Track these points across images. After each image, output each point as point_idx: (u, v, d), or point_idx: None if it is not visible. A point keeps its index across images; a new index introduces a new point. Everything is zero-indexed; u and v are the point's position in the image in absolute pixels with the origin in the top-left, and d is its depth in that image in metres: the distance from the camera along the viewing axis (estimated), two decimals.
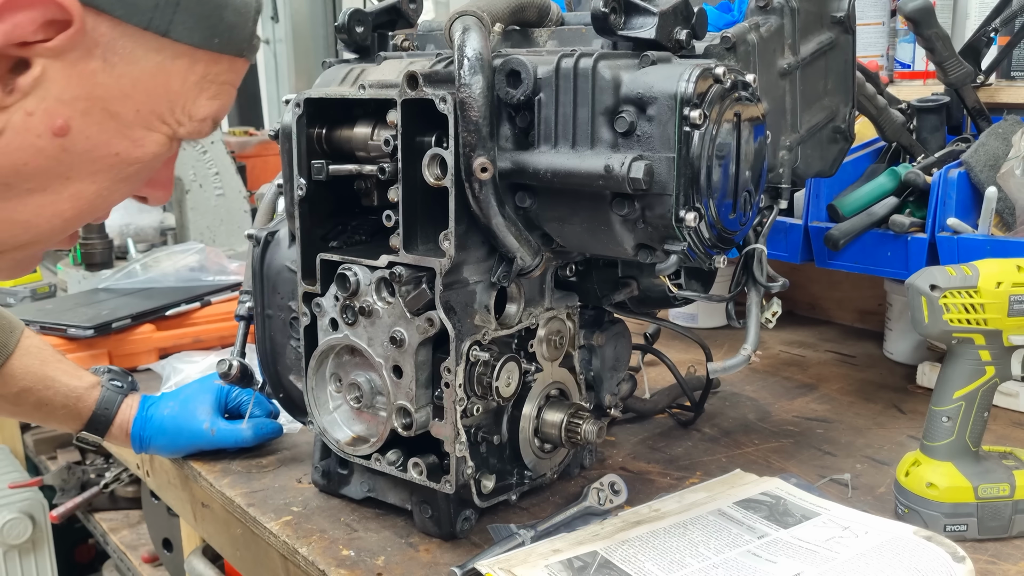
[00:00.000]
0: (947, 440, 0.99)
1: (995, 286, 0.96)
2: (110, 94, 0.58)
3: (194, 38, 0.59)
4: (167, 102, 0.61)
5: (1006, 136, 1.34)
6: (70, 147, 0.58)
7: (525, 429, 1.04)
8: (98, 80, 0.57)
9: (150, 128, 0.61)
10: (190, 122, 0.63)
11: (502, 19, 0.94)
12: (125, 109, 0.59)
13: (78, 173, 0.60)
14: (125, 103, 0.59)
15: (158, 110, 0.61)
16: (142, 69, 0.58)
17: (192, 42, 0.59)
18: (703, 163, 0.86)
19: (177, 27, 0.58)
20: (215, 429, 1.22)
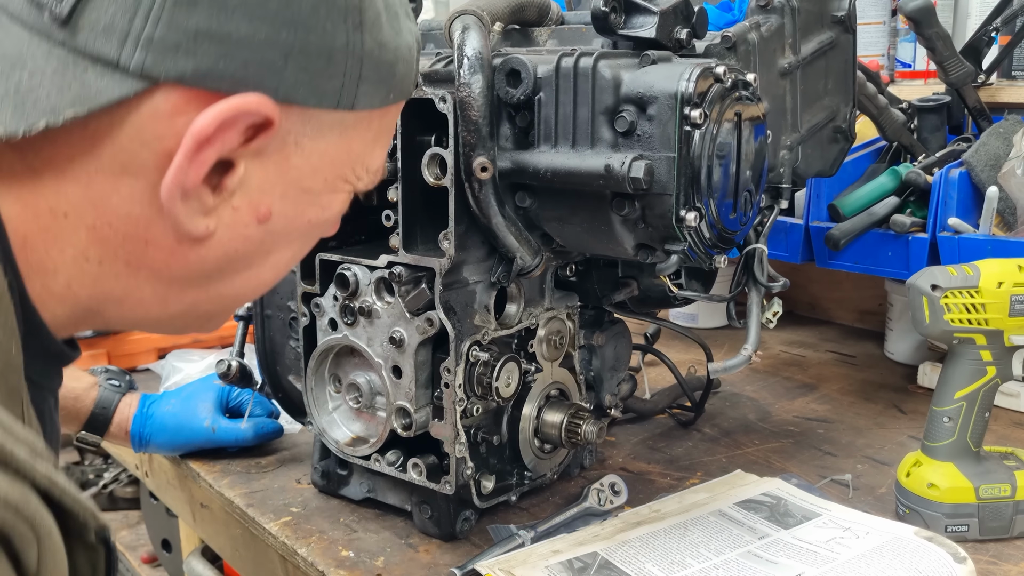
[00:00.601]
0: (948, 440, 0.99)
1: (996, 286, 0.95)
2: (302, 173, 0.61)
3: (374, 102, 0.61)
4: (349, 164, 0.64)
5: (1007, 136, 1.34)
6: (272, 228, 0.62)
7: (525, 429, 1.04)
8: (292, 163, 0.60)
9: (336, 191, 0.64)
10: (367, 175, 0.66)
11: (502, 18, 0.94)
12: (315, 183, 0.62)
13: (278, 247, 0.64)
14: (315, 177, 0.62)
15: (342, 173, 0.64)
16: (328, 142, 0.61)
17: (372, 106, 0.62)
18: (703, 163, 0.86)
19: (360, 99, 0.60)
20: (216, 427, 1.22)
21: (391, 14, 0.61)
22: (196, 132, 0.54)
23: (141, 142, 0.54)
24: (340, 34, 0.57)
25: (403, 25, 0.62)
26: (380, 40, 0.60)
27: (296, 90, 0.56)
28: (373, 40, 0.59)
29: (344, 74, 0.58)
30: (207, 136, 0.54)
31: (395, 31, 0.61)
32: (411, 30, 0.64)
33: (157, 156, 0.54)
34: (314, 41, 0.56)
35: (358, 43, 0.58)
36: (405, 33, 0.63)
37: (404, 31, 0.63)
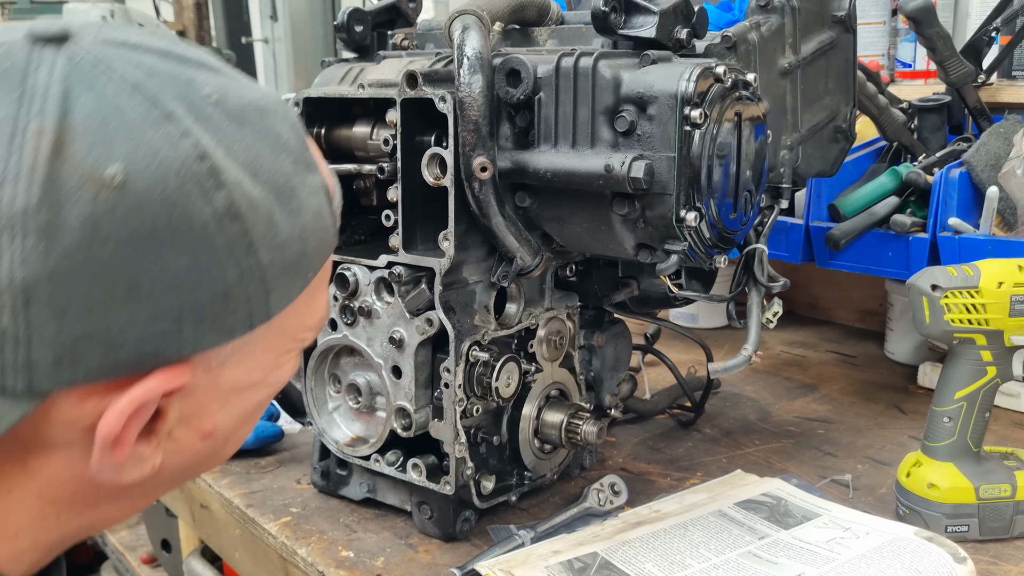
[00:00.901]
0: (948, 440, 0.99)
1: (996, 286, 0.95)
2: (239, 382, 0.59)
3: (293, 293, 0.58)
4: (288, 340, 0.62)
5: (1007, 136, 1.34)
6: (219, 434, 0.61)
7: (525, 430, 1.04)
8: (224, 380, 0.58)
9: (280, 367, 0.63)
10: (310, 332, 0.64)
11: (502, 18, 0.94)
12: (255, 376, 0.61)
13: (236, 434, 0.64)
14: (253, 374, 0.60)
15: (281, 352, 0.62)
16: (256, 347, 0.59)
17: (292, 299, 0.58)
18: (704, 163, 0.86)
19: (275, 305, 0.57)
20: None
21: (284, 198, 0.56)
22: (104, 435, 0.52)
23: (60, 428, 0.53)
24: (230, 271, 0.53)
25: (302, 197, 0.57)
26: (279, 242, 0.55)
27: (200, 341, 0.54)
28: (270, 250, 0.55)
29: (248, 300, 0.55)
30: (116, 434, 0.52)
31: (294, 212, 0.56)
32: (313, 186, 0.59)
33: (80, 432, 0.54)
34: (203, 293, 0.52)
35: (254, 266, 0.54)
36: (306, 202, 0.58)
37: (304, 201, 0.58)
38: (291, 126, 0.59)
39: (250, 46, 4.68)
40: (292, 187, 0.57)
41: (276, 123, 0.57)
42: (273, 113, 0.58)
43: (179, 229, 0.51)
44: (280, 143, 0.57)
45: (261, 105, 0.57)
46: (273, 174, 0.55)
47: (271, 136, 0.56)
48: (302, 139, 0.60)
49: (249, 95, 0.57)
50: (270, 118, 0.57)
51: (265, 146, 0.56)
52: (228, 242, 0.52)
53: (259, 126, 0.56)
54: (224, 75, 0.57)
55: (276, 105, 0.59)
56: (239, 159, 0.53)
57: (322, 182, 0.61)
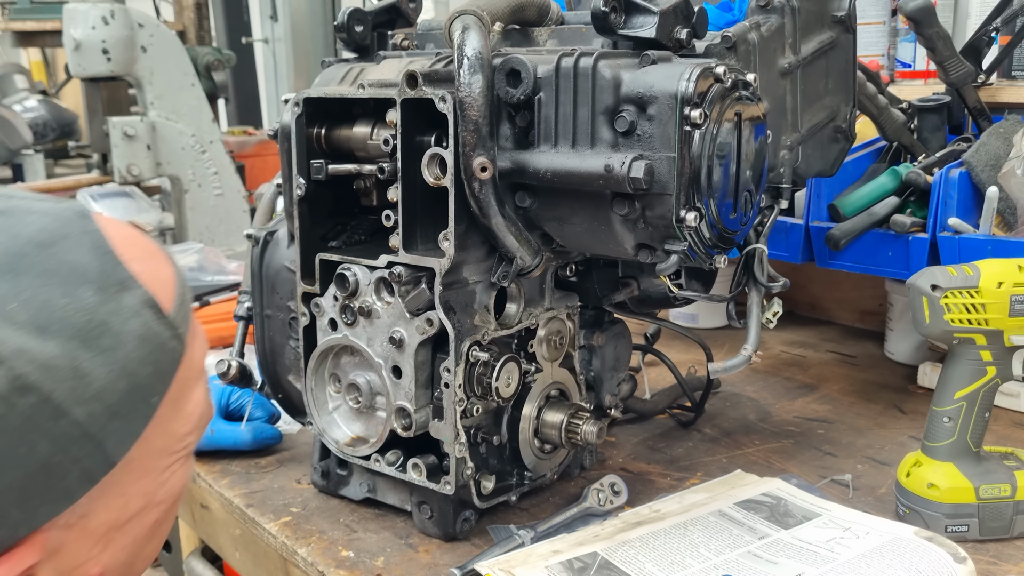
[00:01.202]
0: (948, 440, 0.99)
1: (996, 286, 0.95)
2: (116, 520, 0.55)
3: (136, 429, 0.53)
4: (162, 459, 0.57)
5: (1007, 136, 1.34)
6: (112, 567, 0.57)
7: (525, 430, 1.04)
8: (94, 527, 0.54)
9: (164, 483, 0.58)
10: (190, 436, 0.60)
11: (502, 18, 0.94)
12: (134, 507, 0.56)
13: (140, 560, 0.60)
14: (130, 506, 0.56)
15: (158, 470, 0.57)
16: (119, 485, 0.54)
17: (137, 433, 0.53)
18: (703, 163, 0.86)
19: (115, 451, 0.52)
20: (214, 429, 1.22)
21: (91, 340, 0.50)
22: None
23: None
24: (39, 443, 0.48)
25: (116, 328, 0.51)
26: (95, 391, 0.50)
27: (34, 519, 0.49)
28: (85, 403, 0.50)
29: (77, 461, 0.50)
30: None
31: (108, 350, 0.51)
32: (130, 307, 0.53)
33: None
34: (14, 475, 0.48)
35: (68, 428, 0.49)
36: (124, 330, 0.52)
37: (121, 331, 0.52)
38: (90, 246, 0.53)
39: (250, 46, 4.68)
40: (100, 323, 0.51)
41: (67, 252, 0.51)
42: (63, 239, 0.52)
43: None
44: (75, 275, 0.51)
45: (42, 239, 0.51)
46: (69, 319, 0.50)
47: (61, 272, 0.51)
48: (107, 255, 0.54)
49: (26, 231, 0.51)
50: (58, 249, 0.51)
51: (53, 289, 0.50)
52: (24, 418, 0.47)
53: (42, 267, 0.50)
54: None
55: (66, 226, 0.53)
56: (18, 320, 0.48)
57: (142, 296, 0.54)
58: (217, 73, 2.86)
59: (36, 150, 3.43)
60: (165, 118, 2.39)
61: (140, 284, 0.55)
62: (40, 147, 3.51)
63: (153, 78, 2.37)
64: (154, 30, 2.38)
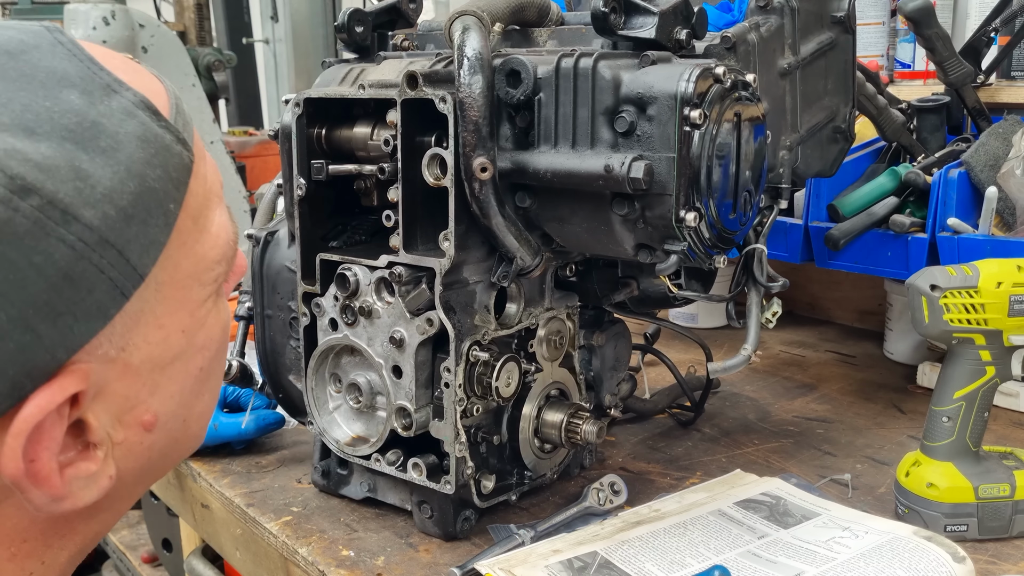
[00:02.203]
0: (947, 440, 0.99)
1: (995, 286, 0.96)
2: (159, 359, 0.53)
3: (159, 238, 0.50)
4: (194, 287, 0.54)
5: (1006, 136, 1.34)
6: (167, 420, 0.55)
7: (525, 429, 1.04)
8: (137, 365, 0.52)
9: (203, 323, 0.55)
10: (218, 265, 0.56)
11: (502, 19, 0.94)
12: (174, 346, 0.53)
13: (191, 420, 0.58)
14: (170, 343, 0.53)
15: (193, 302, 0.54)
16: (155, 312, 0.51)
17: (162, 243, 0.50)
18: (703, 163, 0.86)
19: (141, 260, 0.49)
20: (217, 424, 1.23)
21: (87, 140, 0.47)
22: (13, 476, 0.47)
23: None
24: (56, 250, 0.45)
25: (111, 128, 0.48)
26: (103, 192, 0.47)
27: (70, 339, 0.47)
28: (94, 205, 0.47)
29: (101, 270, 0.47)
30: (22, 471, 0.47)
31: (108, 150, 0.48)
32: (122, 108, 0.50)
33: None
34: (37, 287, 0.45)
35: (82, 232, 0.46)
36: (120, 131, 0.49)
37: (118, 131, 0.49)
38: (66, 53, 0.50)
39: (251, 47, 4.68)
40: (92, 123, 0.48)
41: (42, 58, 0.49)
42: (34, 48, 0.49)
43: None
44: (55, 78, 0.48)
45: (11, 48, 0.48)
46: (57, 119, 0.47)
47: (38, 76, 0.48)
48: (87, 61, 0.50)
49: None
50: (30, 56, 0.48)
51: (33, 92, 0.47)
52: (32, 221, 0.45)
53: (16, 72, 0.47)
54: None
55: (35, 37, 0.50)
56: (0, 123, 0.45)
57: (134, 97, 0.51)
58: (218, 73, 2.86)
59: None
60: None
61: (128, 86, 0.51)
62: None
63: None
64: (155, 31, 2.38)
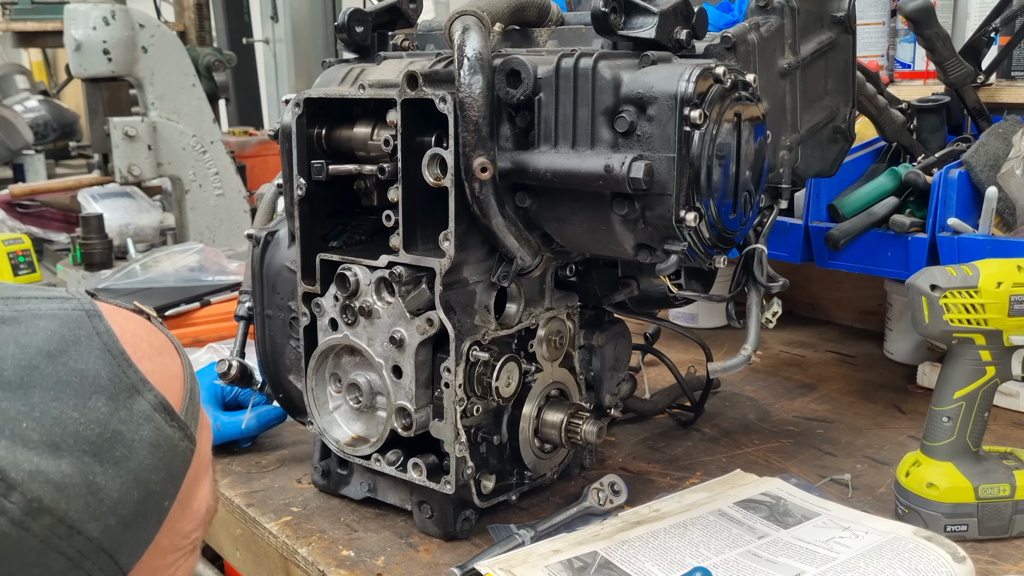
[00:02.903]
0: (947, 440, 0.99)
1: (995, 286, 0.96)
2: None
3: (148, 536, 0.53)
4: (169, 556, 0.57)
5: (1006, 136, 1.34)
6: None
7: (525, 429, 1.04)
8: None
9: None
10: (196, 531, 0.59)
11: (502, 19, 0.94)
12: None
13: None
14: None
15: (164, 567, 0.56)
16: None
17: (149, 539, 0.53)
18: (703, 163, 0.86)
19: (127, 560, 0.52)
20: (219, 424, 1.23)
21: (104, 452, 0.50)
22: None
23: None
24: (55, 562, 0.48)
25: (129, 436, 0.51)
26: (109, 505, 0.50)
27: None
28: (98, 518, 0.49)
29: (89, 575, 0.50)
30: None
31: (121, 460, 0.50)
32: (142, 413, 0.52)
33: None
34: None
35: (83, 545, 0.49)
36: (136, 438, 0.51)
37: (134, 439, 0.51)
38: (101, 349, 0.52)
39: (251, 47, 4.68)
40: (112, 432, 0.50)
41: (77, 360, 0.51)
42: (73, 346, 0.51)
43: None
44: (87, 384, 0.51)
45: (52, 347, 0.50)
46: (82, 432, 0.49)
47: (72, 382, 0.50)
48: (118, 357, 0.53)
49: (35, 340, 0.50)
50: (68, 358, 0.51)
51: (65, 401, 0.49)
52: (39, 540, 0.47)
53: (53, 378, 0.50)
54: (3, 326, 0.50)
55: (75, 330, 0.52)
56: (31, 440, 0.48)
57: (154, 400, 0.54)
58: (218, 73, 2.86)
59: (37, 150, 3.43)
60: (166, 118, 2.39)
61: (151, 386, 0.54)
62: (41, 147, 3.51)
63: (154, 78, 2.37)
64: (155, 31, 2.38)
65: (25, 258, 2.25)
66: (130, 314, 0.58)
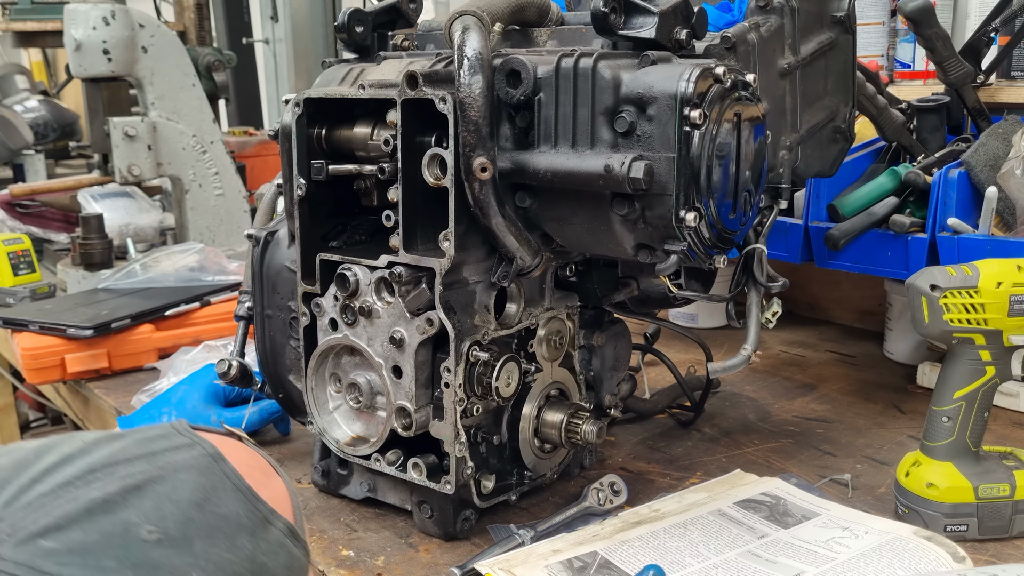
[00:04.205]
0: (947, 440, 0.99)
1: (995, 286, 0.96)
2: None
3: None
4: None
5: (1006, 136, 1.34)
6: None
7: (525, 429, 1.04)
8: None
9: None
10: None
11: (502, 19, 0.94)
12: None
13: None
14: None
15: None
16: None
17: None
18: (703, 163, 0.86)
19: None
20: (222, 420, 1.23)
21: None
22: None
23: None
24: None
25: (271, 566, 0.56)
26: None
27: None
28: None
29: None
30: None
31: None
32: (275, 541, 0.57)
33: None
34: None
35: None
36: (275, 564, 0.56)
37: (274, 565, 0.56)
38: (233, 489, 0.57)
39: (251, 47, 4.68)
40: (260, 565, 0.55)
41: (221, 504, 0.55)
42: (214, 493, 0.56)
43: None
44: (233, 526, 0.55)
45: (198, 498, 0.54)
46: (238, 571, 0.54)
47: (223, 527, 0.54)
48: (247, 494, 0.57)
49: (183, 495, 0.54)
50: (214, 504, 0.55)
51: (220, 545, 0.54)
52: None
53: (206, 528, 0.54)
54: (155, 485, 0.54)
55: (211, 477, 0.57)
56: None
57: (283, 527, 0.59)
58: (218, 73, 2.86)
59: (37, 150, 3.43)
60: (166, 118, 2.39)
61: (278, 515, 0.59)
62: (41, 147, 3.51)
63: (154, 78, 2.37)
64: (155, 31, 2.37)
65: (25, 258, 2.25)
66: (235, 443, 0.62)
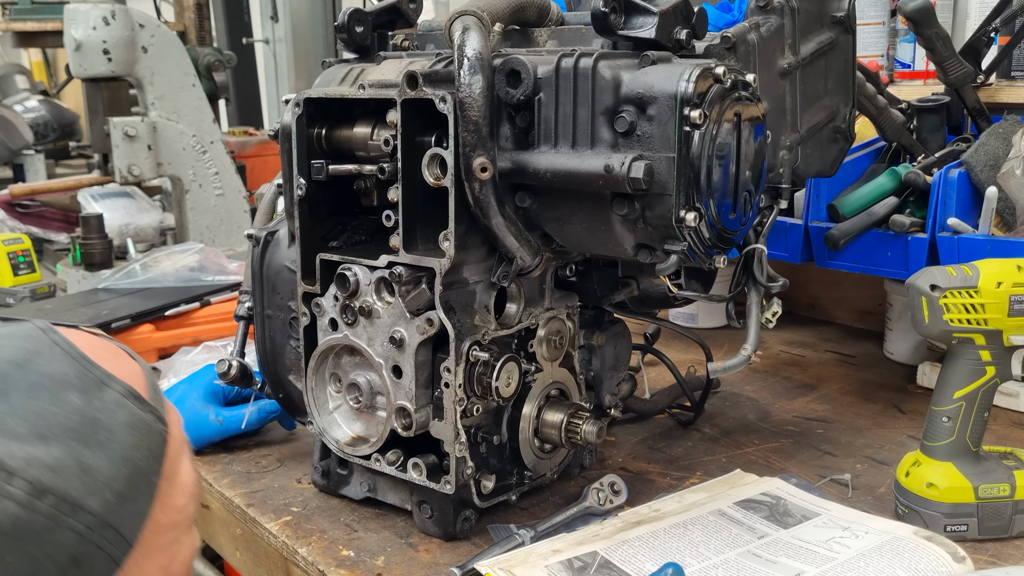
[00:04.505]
0: (947, 440, 0.99)
1: (995, 286, 0.96)
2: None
3: (144, 509, 0.57)
4: (168, 534, 0.60)
5: (1006, 136, 1.34)
6: None
7: (525, 429, 1.04)
8: None
9: (175, 555, 0.61)
10: (188, 505, 0.63)
11: (502, 19, 0.94)
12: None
13: None
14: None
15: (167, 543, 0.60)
16: (141, 568, 0.57)
17: (146, 513, 0.57)
18: (703, 163, 0.86)
19: (131, 532, 0.56)
20: (221, 419, 1.23)
21: (87, 437, 0.54)
22: None
23: None
24: (66, 538, 0.52)
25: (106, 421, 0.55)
26: (103, 481, 0.54)
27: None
28: (97, 494, 0.53)
29: (100, 547, 0.53)
30: None
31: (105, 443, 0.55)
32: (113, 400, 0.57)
33: None
34: (49, 573, 0.51)
35: (88, 519, 0.53)
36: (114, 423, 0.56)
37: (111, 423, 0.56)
38: (62, 353, 0.57)
39: (251, 47, 4.68)
40: (91, 419, 0.55)
41: (43, 365, 0.56)
42: (39, 356, 0.56)
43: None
44: (57, 383, 0.55)
45: (18, 359, 0.55)
46: (64, 421, 0.54)
47: (44, 383, 0.55)
48: (80, 359, 0.58)
49: (4, 355, 0.55)
50: (35, 365, 0.55)
51: (42, 399, 0.54)
52: (47, 518, 0.51)
53: (26, 383, 0.54)
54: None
55: (34, 343, 0.57)
56: (20, 433, 0.52)
57: (122, 388, 0.58)
58: (218, 73, 2.86)
59: (37, 150, 3.43)
60: (166, 118, 2.39)
61: (116, 379, 0.59)
62: (41, 147, 3.51)
63: (154, 78, 2.37)
64: (155, 31, 2.38)
65: (25, 258, 2.25)
66: (81, 331, 0.63)
